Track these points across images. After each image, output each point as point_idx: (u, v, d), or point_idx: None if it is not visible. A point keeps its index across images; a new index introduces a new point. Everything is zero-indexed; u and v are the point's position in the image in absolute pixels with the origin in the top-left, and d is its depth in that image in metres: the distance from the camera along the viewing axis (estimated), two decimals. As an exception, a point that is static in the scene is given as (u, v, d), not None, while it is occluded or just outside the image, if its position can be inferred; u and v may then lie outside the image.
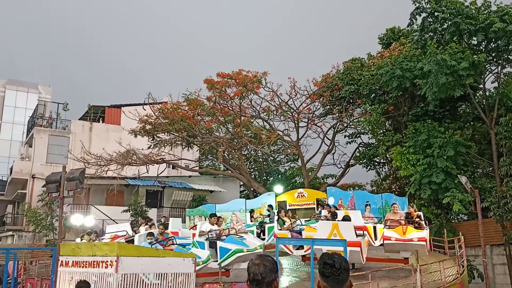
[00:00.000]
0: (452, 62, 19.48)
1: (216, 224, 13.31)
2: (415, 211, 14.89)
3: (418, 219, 14.13)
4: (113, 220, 25.69)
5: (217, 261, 11.88)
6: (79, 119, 35.68)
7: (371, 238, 13.78)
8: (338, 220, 13.11)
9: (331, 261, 2.49)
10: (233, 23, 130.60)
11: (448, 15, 20.80)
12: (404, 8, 22.44)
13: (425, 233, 13.39)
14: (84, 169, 12.40)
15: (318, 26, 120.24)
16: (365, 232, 12.83)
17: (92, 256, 8.82)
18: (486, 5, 21.25)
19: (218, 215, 14.82)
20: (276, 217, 15.79)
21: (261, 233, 17.01)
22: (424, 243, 12.99)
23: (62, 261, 9.36)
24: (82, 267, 8.91)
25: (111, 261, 8.43)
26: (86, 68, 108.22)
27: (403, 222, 13.61)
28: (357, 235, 11.95)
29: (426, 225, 14.13)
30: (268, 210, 19.27)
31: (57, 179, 11.77)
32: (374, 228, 14.39)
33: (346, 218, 13.18)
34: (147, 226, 15.25)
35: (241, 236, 12.73)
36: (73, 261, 9.16)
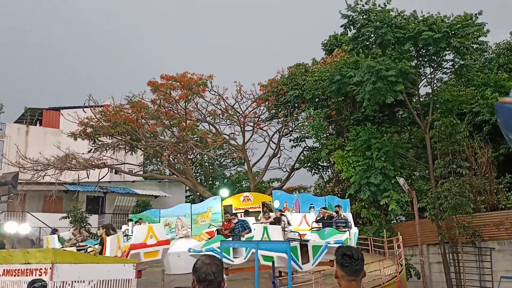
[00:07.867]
0: (379, 66, 20.22)
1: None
2: None
3: None
4: (51, 227, 24.55)
5: None
6: (14, 122, 34.03)
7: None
8: None
9: (349, 252, 2.71)
10: (173, 25, 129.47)
11: (375, 28, 21.49)
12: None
13: None
14: (18, 173, 11.81)
15: (264, 30, 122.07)
16: None
17: (25, 263, 8.35)
18: (414, 16, 22.15)
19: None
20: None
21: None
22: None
23: (-8, 271, 8.80)
24: (14, 275, 8.41)
25: (45, 268, 8.02)
26: (23, 69, 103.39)
27: None
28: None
29: None
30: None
31: (-13, 183, 11.12)
32: None
33: None
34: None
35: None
36: (4, 270, 8.64)
